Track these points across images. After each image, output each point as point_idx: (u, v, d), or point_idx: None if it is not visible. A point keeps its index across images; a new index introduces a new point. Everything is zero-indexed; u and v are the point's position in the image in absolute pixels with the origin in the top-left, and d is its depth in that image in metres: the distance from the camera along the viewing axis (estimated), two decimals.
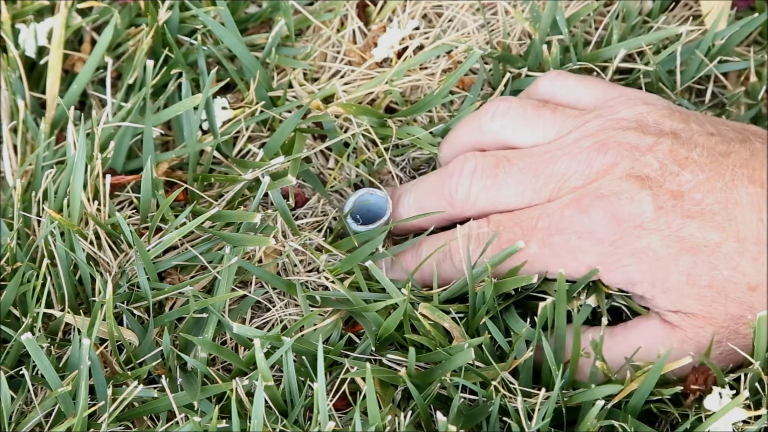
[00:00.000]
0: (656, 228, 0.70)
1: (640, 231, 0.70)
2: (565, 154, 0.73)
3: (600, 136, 0.73)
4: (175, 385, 0.72)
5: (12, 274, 0.74)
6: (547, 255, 0.72)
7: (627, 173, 0.71)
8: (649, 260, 0.70)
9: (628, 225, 0.70)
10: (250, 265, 0.75)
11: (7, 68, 0.82)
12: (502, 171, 0.74)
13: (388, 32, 0.83)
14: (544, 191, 0.73)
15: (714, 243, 0.70)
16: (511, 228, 0.73)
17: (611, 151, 0.72)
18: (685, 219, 0.70)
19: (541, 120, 0.75)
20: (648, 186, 0.70)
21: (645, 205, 0.70)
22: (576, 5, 0.85)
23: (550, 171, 0.73)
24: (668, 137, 0.72)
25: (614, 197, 0.71)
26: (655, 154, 0.71)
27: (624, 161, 0.71)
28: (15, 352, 0.72)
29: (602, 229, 0.71)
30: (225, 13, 0.81)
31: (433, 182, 0.77)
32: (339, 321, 0.74)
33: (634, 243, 0.70)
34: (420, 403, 0.70)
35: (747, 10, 0.84)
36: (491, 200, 0.74)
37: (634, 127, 0.73)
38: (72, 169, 0.75)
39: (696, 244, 0.70)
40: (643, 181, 0.71)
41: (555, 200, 0.72)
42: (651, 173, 0.71)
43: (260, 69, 0.81)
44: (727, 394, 0.68)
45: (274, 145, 0.80)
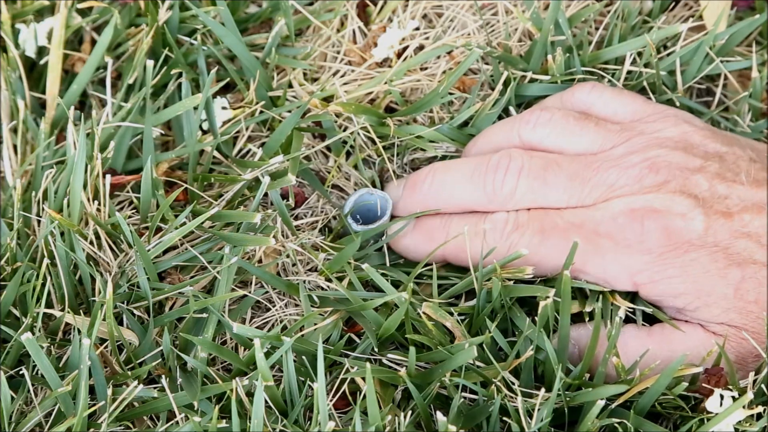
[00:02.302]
0: (704, 244, 0.71)
1: (688, 246, 0.71)
2: (613, 166, 0.73)
3: (648, 153, 0.73)
4: (175, 385, 0.72)
5: (12, 274, 0.74)
6: (590, 253, 0.72)
7: (679, 190, 0.72)
8: (695, 273, 0.71)
9: (678, 240, 0.71)
10: (250, 265, 0.75)
11: (7, 68, 0.82)
12: (552, 174, 0.74)
13: (388, 32, 0.83)
14: (589, 199, 0.73)
15: (760, 261, 0.71)
16: (553, 218, 0.73)
17: (663, 170, 0.73)
18: (733, 238, 0.71)
19: (585, 131, 0.75)
20: (699, 204, 0.71)
21: (696, 222, 0.71)
22: (577, 6, 0.85)
23: (597, 180, 0.73)
24: (715, 160, 0.73)
25: (667, 212, 0.71)
26: (704, 175, 0.73)
27: (676, 180, 0.72)
28: (15, 352, 0.72)
29: (652, 241, 0.71)
30: (225, 13, 0.81)
31: (472, 171, 0.75)
32: (339, 321, 0.74)
33: (682, 257, 0.71)
34: (420, 403, 0.70)
35: (747, 10, 0.84)
36: (535, 201, 0.74)
37: (681, 147, 0.74)
38: (72, 169, 0.75)
39: (744, 260, 0.71)
40: (695, 199, 0.72)
41: (602, 206, 0.73)
42: (701, 193, 0.72)
43: (260, 69, 0.81)
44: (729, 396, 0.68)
45: (273, 144, 0.80)
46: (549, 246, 0.73)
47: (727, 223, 0.71)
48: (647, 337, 0.72)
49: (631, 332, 0.72)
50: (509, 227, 0.73)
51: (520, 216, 0.73)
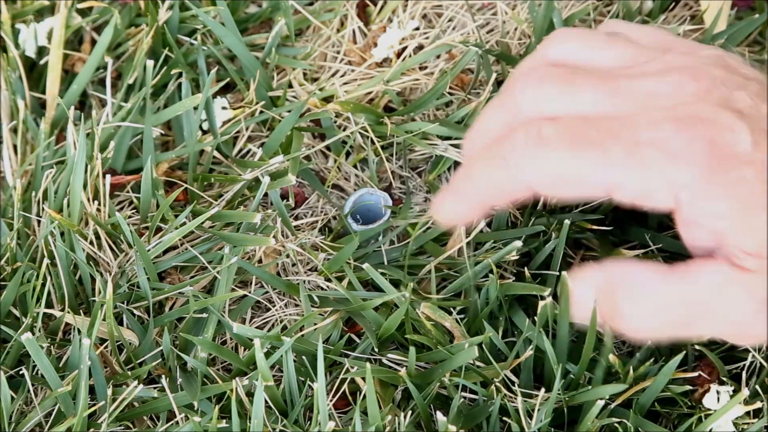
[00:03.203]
0: (752, 161, 0.65)
1: (737, 162, 0.65)
2: (650, 75, 0.67)
3: (688, 64, 0.67)
4: (175, 385, 0.72)
5: (12, 274, 0.74)
6: (633, 165, 0.64)
7: (723, 104, 0.66)
8: (742, 191, 0.64)
9: (727, 153, 0.65)
10: (250, 265, 0.75)
11: (7, 68, 0.82)
12: (580, 77, 0.67)
13: (388, 32, 0.83)
14: (624, 107, 0.66)
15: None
16: (586, 129, 0.65)
17: (705, 79, 0.67)
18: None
19: (615, 46, 0.69)
20: (744, 118, 0.65)
21: (744, 136, 0.65)
22: (576, 5, 0.85)
23: (632, 88, 0.67)
24: (753, 81, 0.68)
25: (715, 123, 0.65)
26: (746, 92, 0.67)
27: (718, 90, 0.66)
28: (15, 352, 0.72)
29: (700, 152, 0.65)
30: (225, 13, 0.81)
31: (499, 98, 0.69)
32: (339, 321, 0.74)
33: (729, 172, 0.64)
34: (420, 403, 0.70)
35: (747, 10, 0.85)
36: (565, 108, 0.66)
37: (722, 65, 0.68)
38: (72, 169, 0.75)
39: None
40: (738, 113, 0.66)
41: (642, 113, 0.66)
42: (744, 108, 0.66)
43: (260, 69, 0.81)
44: (726, 391, 0.68)
45: (273, 144, 0.80)
46: (584, 159, 0.64)
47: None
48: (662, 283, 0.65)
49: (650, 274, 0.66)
50: (531, 142, 0.65)
51: (544, 128, 0.65)
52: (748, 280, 0.64)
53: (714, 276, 0.65)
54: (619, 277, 0.66)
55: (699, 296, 0.65)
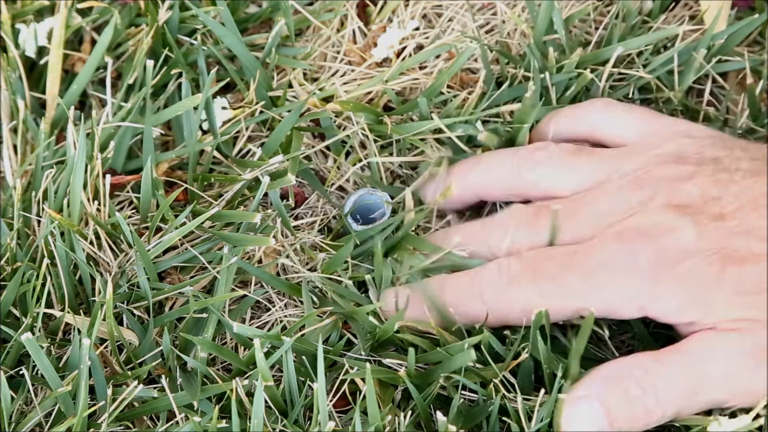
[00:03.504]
0: (698, 250, 0.69)
1: (681, 256, 0.69)
2: (603, 195, 0.72)
3: (638, 173, 0.72)
4: (175, 385, 0.72)
5: (12, 274, 0.74)
6: (589, 290, 0.70)
7: (666, 203, 0.71)
8: (693, 282, 0.69)
9: (670, 253, 0.69)
10: (250, 265, 0.75)
11: (7, 68, 0.82)
12: (542, 218, 0.73)
13: (388, 32, 0.83)
14: (583, 233, 0.72)
15: (758, 253, 0.69)
16: (545, 261, 0.71)
17: (648, 185, 0.71)
18: (729, 237, 0.69)
19: (579, 168, 0.75)
20: (688, 213, 0.70)
21: (686, 231, 0.69)
22: (576, 5, 0.85)
23: (589, 212, 0.72)
24: (709, 164, 0.72)
25: (654, 229, 0.70)
26: (694, 182, 0.71)
27: (661, 193, 0.71)
28: (15, 352, 0.72)
29: (645, 261, 0.69)
30: (225, 13, 0.81)
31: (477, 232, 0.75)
32: (338, 321, 0.74)
33: (676, 269, 0.69)
34: (420, 403, 0.70)
35: (747, 10, 0.84)
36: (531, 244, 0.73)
37: (673, 161, 0.72)
38: (72, 169, 0.75)
39: (742, 256, 0.69)
40: (681, 208, 0.70)
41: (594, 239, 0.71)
42: (691, 201, 0.70)
43: (260, 69, 0.81)
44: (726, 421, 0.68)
45: (272, 144, 0.80)
46: (547, 295, 0.71)
47: (720, 225, 0.69)
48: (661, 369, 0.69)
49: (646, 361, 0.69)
50: (504, 282, 0.72)
51: (512, 265, 0.72)
52: (731, 338, 0.68)
53: (701, 343, 0.68)
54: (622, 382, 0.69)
55: (695, 367, 0.68)
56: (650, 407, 0.68)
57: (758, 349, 0.68)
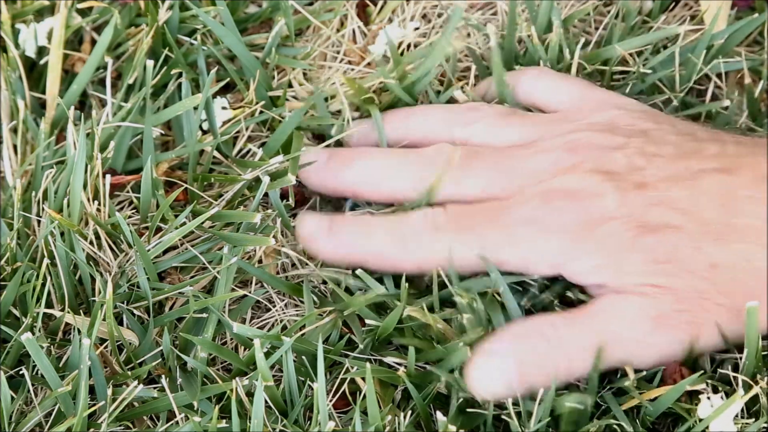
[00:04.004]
0: (618, 216, 0.71)
1: (602, 220, 0.71)
2: (535, 153, 0.74)
3: (570, 137, 0.74)
4: (175, 385, 0.72)
5: (12, 274, 0.74)
6: (506, 244, 0.72)
7: (592, 169, 0.72)
8: (610, 244, 0.71)
9: (592, 215, 0.71)
10: (250, 265, 0.75)
11: (7, 68, 0.82)
12: (471, 163, 0.75)
13: (387, 29, 0.83)
14: (510, 188, 0.73)
15: (675, 225, 0.71)
16: (471, 216, 0.73)
17: (580, 151, 0.73)
18: (648, 206, 0.71)
19: (510, 126, 0.76)
20: (612, 179, 0.72)
21: (608, 196, 0.71)
22: (576, 5, 0.85)
23: (519, 168, 0.74)
24: (639, 137, 0.74)
25: (579, 190, 0.72)
26: (623, 151, 0.73)
27: (590, 159, 0.73)
28: (15, 352, 0.72)
29: (567, 221, 0.71)
30: (225, 13, 0.81)
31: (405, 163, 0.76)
32: (338, 321, 0.74)
33: (596, 231, 0.71)
34: (419, 402, 0.70)
35: (747, 10, 0.84)
36: (456, 190, 0.75)
37: (606, 129, 0.74)
38: (72, 169, 0.75)
39: (657, 226, 0.71)
40: (608, 175, 0.72)
41: (518, 195, 0.73)
42: (617, 168, 0.72)
43: (260, 69, 0.81)
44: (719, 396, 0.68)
45: (273, 144, 0.80)
46: (466, 245, 0.72)
47: (641, 193, 0.71)
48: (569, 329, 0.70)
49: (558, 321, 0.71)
50: (428, 230, 0.73)
51: (437, 216, 0.73)
52: (637, 301, 0.70)
53: (608, 304, 0.70)
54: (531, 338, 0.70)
55: (602, 325, 0.70)
56: (558, 362, 0.69)
57: (661, 315, 0.70)
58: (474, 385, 0.69)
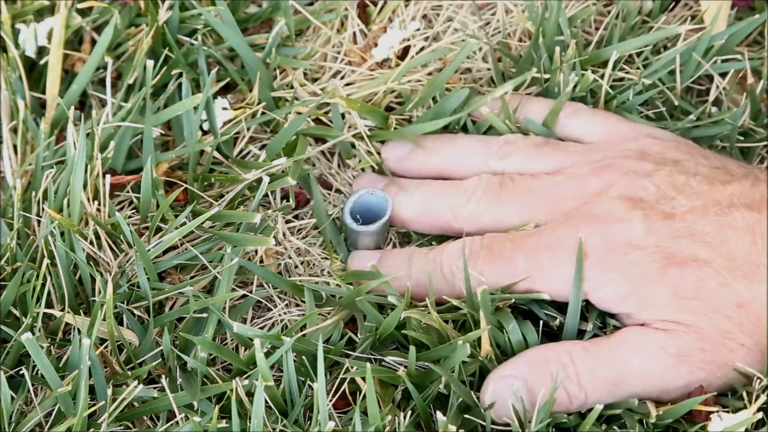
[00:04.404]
0: (644, 245, 0.71)
1: (628, 248, 0.71)
2: (564, 180, 0.74)
3: (600, 164, 0.74)
4: (175, 385, 0.72)
5: (12, 274, 0.74)
6: (533, 270, 0.72)
7: (621, 195, 0.72)
8: (635, 275, 0.70)
9: (617, 242, 0.71)
10: (253, 265, 0.75)
11: (7, 68, 0.82)
12: (506, 190, 0.75)
13: (388, 32, 0.83)
14: (541, 214, 0.74)
15: (702, 259, 0.70)
16: (502, 242, 0.73)
17: (606, 174, 0.73)
18: (675, 238, 0.71)
19: (543, 156, 0.77)
20: (640, 207, 0.72)
21: (635, 224, 0.71)
22: (576, 5, 0.85)
23: (548, 194, 0.74)
24: (669, 165, 0.73)
25: (605, 216, 0.72)
26: (652, 179, 0.73)
27: (619, 183, 0.73)
28: (15, 352, 0.72)
29: (590, 246, 0.71)
30: (225, 13, 0.81)
31: (443, 191, 0.77)
32: (340, 321, 0.74)
33: (621, 259, 0.71)
34: (419, 402, 0.70)
35: (747, 10, 0.84)
36: (493, 218, 0.75)
37: (635, 156, 0.74)
38: (72, 169, 0.75)
39: (684, 259, 0.70)
40: (635, 202, 0.72)
41: (550, 222, 0.73)
42: (646, 196, 0.72)
43: (262, 69, 0.81)
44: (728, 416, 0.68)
45: (275, 147, 0.80)
46: (497, 273, 0.73)
47: (668, 224, 0.71)
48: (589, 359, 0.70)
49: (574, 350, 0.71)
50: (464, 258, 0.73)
51: (474, 244, 0.74)
52: (659, 337, 0.69)
53: (629, 337, 0.70)
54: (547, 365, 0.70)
55: (621, 358, 0.70)
56: (572, 392, 0.69)
57: (681, 353, 0.69)
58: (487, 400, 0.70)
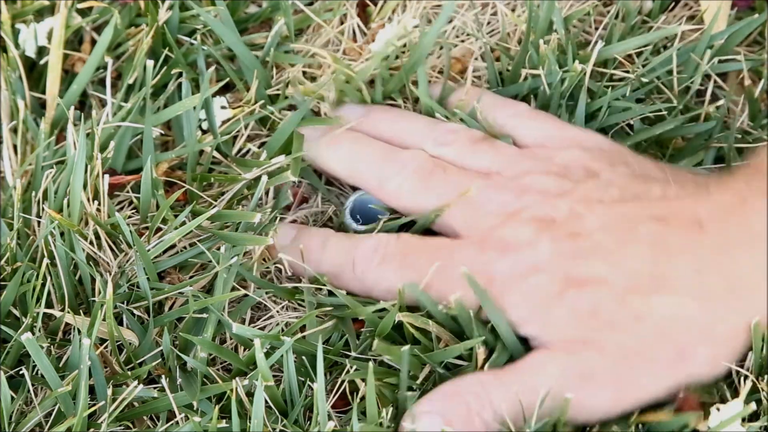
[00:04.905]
0: (548, 269, 0.71)
1: (531, 272, 0.71)
2: (489, 189, 0.74)
3: (524, 179, 0.74)
4: (175, 385, 0.72)
5: (12, 274, 0.74)
6: (441, 284, 0.72)
7: (533, 217, 0.72)
8: (535, 298, 0.71)
9: (523, 266, 0.71)
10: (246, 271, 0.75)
11: (7, 68, 0.82)
12: (434, 178, 0.76)
13: (386, 27, 0.83)
14: (458, 217, 0.74)
15: (602, 278, 0.70)
16: (417, 251, 0.74)
17: (527, 196, 0.73)
18: (578, 259, 0.71)
19: (480, 154, 0.77)
20: (548, 229, 0.72)
21: (542, 247, 0.71)
22: (576, 5, 0.85)
23: (471, 200, 0.74)
24: (588, 180, 0.74)
25: (514, 241, 0.72)
26: (566, 199, 0.73)
27: (533, 206, 0.73)
28: (15, 352, 0.72)
29: (498, 271, 0.71)
30: (224, 13, 0.81)
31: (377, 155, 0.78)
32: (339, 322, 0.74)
33: (524, 283, 0.71)
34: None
35: (747, 10, 0.84)
36: (413, 202, 0.76)
37: (558, 172, 0.74)
38: (72, 169, 0.75)
39: (584, 280, 0.70)
40: (546, 224, 0.72)
41: (465, 236, 0.74)
42: (557, 216, 0.72)
43: (259, 68, 0.81)
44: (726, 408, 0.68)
45: (274, 144, 0.80)
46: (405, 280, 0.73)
47: (574, 244, 0.71)
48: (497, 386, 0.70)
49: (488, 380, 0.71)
50: (377, 260, 0.74)
51: (388, 246, 0.74)
52: (562, 358, 0.70)
53: (535, 361, 0.70)
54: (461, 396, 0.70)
55: (527, 381, 0.70)
56: (488, 420, 0.69)
57: (585, 369, 0.69)
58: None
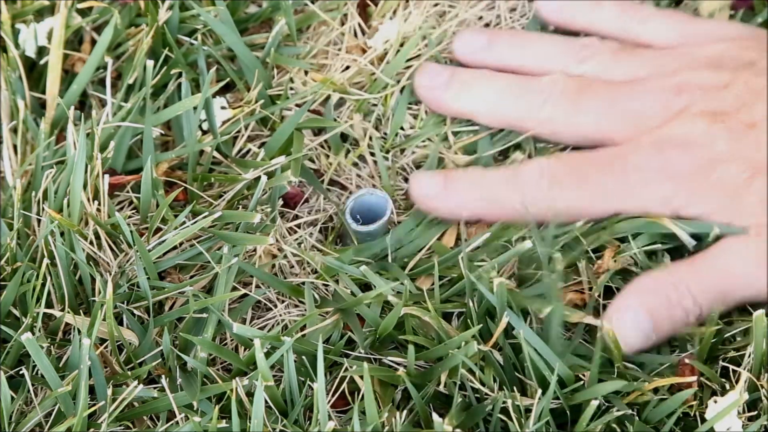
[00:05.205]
0: (730, 158, 0.72)
1: (715, 164, 0.72)
2: (645, 92, 0.75)
3: (678, 77, 0.75)
4: (175, 385, 0.72)
5: (12, 274, 0.74)
6: (624, 192, 0.74)
7: (701, 111, 0.74)
8: (725, 188, 0.72)
9: (705, 161, 0.73)
10: (249, 266, 0.75)
11: (7, 68, 0.82)
12: (584, 97, 0.76)
13: (386, 24, 0.83)
14: (619, 128, 0.75)
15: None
16: (587, 165, 0.75)
17: (686, 93, 0.74)
18: (760, 145, 0.72)
19: (623, 63, 0.78)
20: (721, 120, 0.73)
21: (719, 140, 0.73)
22: None
23: (629, 108, 0.75)
24: (744, 70, 0.75)
25: (690, 137, 0.73)
26: (730, 89, 0.74)
27: (698, 101, 0.74)
28: (15, 352, 0.72)
29: (679, 166, 0.73)
30: (224, 13, 0.81)
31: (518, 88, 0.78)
32: (339, 321, 0.74)
33: (710, 175, 0.72)
34: (419, 402, 0.70)
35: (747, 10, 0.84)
36: (567, 125, 0.77)
37: (713, 65, 0.75)
38: (72, 169, 0.75)
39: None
40: (716, 116, 0.73)
41: (631, 140, 0.75)
42: (726, 108, 0.73)
43: (259, 68, 0.81)
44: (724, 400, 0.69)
45: (274, 144, 0.80)
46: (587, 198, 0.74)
47: (752, 132, 0.72)
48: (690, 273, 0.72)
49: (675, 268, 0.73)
50: (545, 182, 0.75)
51: (554, 167, 0.75)
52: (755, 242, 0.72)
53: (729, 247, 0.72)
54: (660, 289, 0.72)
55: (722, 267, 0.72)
56: (688, 308, 0.71)
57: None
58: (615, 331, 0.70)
